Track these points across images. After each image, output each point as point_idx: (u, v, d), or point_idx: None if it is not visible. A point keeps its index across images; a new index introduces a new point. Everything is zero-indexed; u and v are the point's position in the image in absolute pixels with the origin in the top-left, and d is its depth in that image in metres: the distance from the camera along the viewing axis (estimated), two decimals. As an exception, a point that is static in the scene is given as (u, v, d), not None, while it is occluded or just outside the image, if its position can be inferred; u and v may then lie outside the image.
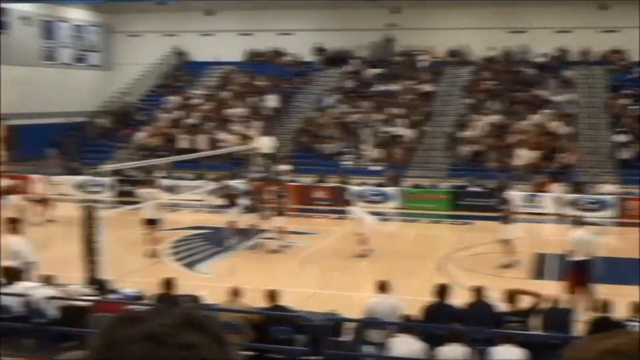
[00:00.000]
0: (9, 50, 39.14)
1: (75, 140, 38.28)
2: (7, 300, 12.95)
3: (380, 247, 20.75)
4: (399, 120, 35.10)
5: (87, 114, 41.46)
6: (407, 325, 11.33)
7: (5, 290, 13.09)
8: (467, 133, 33.71)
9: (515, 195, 24.42)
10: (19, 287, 13.11)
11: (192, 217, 25.15)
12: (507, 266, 18.88)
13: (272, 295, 12.49)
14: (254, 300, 13.82)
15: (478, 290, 12.49)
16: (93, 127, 40.84)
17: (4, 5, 38.38)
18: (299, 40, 43.76)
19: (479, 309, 12.14)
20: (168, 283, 12.91)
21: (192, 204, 27.86)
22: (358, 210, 20.85)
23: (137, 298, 13.42)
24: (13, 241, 15.21)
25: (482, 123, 34.14)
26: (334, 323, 11.60)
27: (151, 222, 19.73)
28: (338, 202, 27.87)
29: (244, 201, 21.80)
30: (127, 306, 12.70)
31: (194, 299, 13.54)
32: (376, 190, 28.66)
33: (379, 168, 32.18)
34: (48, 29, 42.40)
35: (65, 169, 32.74)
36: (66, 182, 30.39)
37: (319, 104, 38.21)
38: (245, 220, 21.26)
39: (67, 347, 12.42)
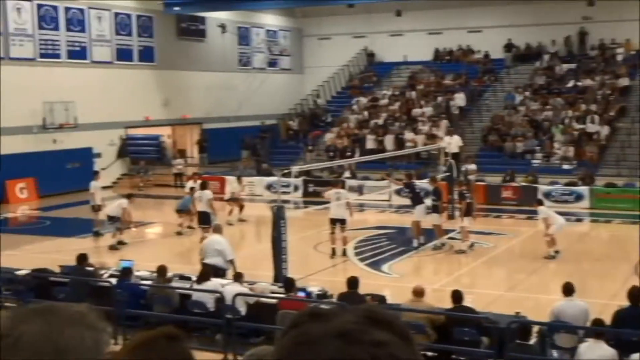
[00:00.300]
0: (207, 57, 41.09)
1: (266, 142, 39.61)
2: (200, 297, 13.61)
3: (571, 248, 20.08)
4: (593, 117, 33.76)
5: (278, 116, 42.79)
6: (597, 330, 10.87)
7: (198, 286, 13.76)
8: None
9: None
10: (211, 283, 13.73)
11: (377, 217, 25.34)
12: None
13: (457, 295, 12.35)
14: (438, 300, 13.77)
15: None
16: (283, 129, 42.11)
17: (202, 14, 40.30)
18: (488, 38, 43.12)
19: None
20: (352, 282, 13.08)
21: (377, 204, 28.07)
22: (547, 210, 20.15)
23: (322, 296, 13.69)
24: (216, 239, 15.91)
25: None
26: (520, 326, 11.32)
27: (338, 222, 20.03)
28: (527, 201, 27.19)
29: (429, 201, 21.68)
30: (312, 304, 13.00)
31: (378, 298, 13.66)
32: (567, 189, 27.71)
33: (570, 167, 31.11)
34: (243, 36, 44.09)
35: (256, 170, 33.92)
36: (257, 183, 31.47)
37: (509, 101, 37.43)
38: (430, 220, 21.14)
39: (255, 342, 12.89)
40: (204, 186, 21.41)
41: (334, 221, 19.98)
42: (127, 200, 21.92)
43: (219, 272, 15.16)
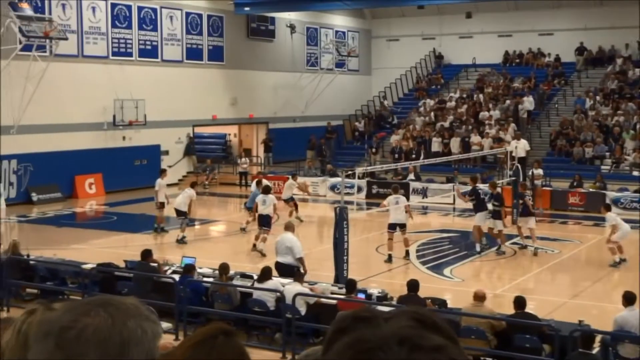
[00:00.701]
0: (275, 57, 41.36)
1: (331, 143, 39.68)
2: (260, 295, 13.71)
3: (637, 256, 19.62)
4: (665, 123, 32.97)
5: (344, 117, 42.83)
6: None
7: (259, 285, 13.86)
8: None
9: None
10: (272, 283, 13.82)
11: (441, 220, 25.18)
12: None
13: (520, 301, 12.20)
14: (499, 306, 13.63)
15: None
16: (348, 130, 42.14)
17: (272, 14, 40.59)
18: (560, 41, 42.50)
19: None
20: (412, 285, 13.04)
21: (441, 207, 27.90)
22: (615, 216, 19.60)
23: (382, 299, 13.67)
24: (287, 237, 16.03)
25: None
26: (583, 334, 11.13)
27: (398, 227, 19.90)
28: (594, 208, 26.70)
29: (490, 206, 21.43)
30: (372, 306, 12.99)
31: (438, 302, 13.59)
32: (636, 196, 27.10)
33: (640, 173, 30.46)
34: (312, 36, 44.26)
35: (320, 171, 34.02)
36: (321, 184, 31.55)
37: (579, 106, 36.79)
38: (490, 225, 20.89)
39: (314, 342, 12.93)
40: (266, 190, 21.22)
41: (393, 226, 19.84)
42: (192, 189, 22.12)
43: (290, 270, 15.18)
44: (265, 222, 20.56)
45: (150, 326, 1.65)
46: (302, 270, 15.14)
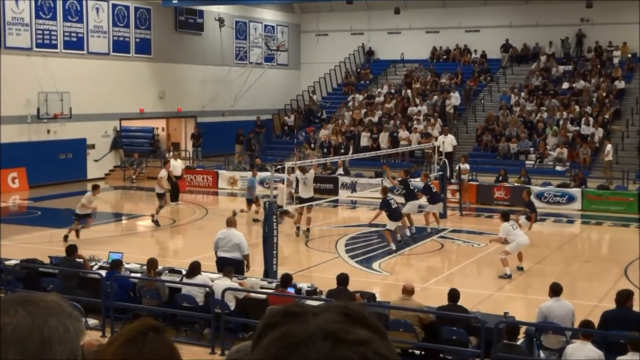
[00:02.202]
0: (204, 51, 41.04)
1: (261, 137, 39.60)
2: (189, 291, 13.60)
3: (561, 249, 20.12)
4: (587, 119, 33.81)
5: (274, 112, 42.76)
6: (585, 332, 10.91)
7: (187, 280, 13.75)
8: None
9: None
10: (201, 277, 13.72)
11: (369, 214, 25.27)
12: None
13: (453, 294, 12.34)
14: (427, 299, 13.80)
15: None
16: (278, 125, 42.11)
17: (200, 7, 40.24)
18: (486, 37, 43.20)
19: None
20: (342, 279, 13.10)
21: (370, 201, 28.08)
22: (508, 229, 17.97)
23: (312, 293, 13.70)
24: (235, 234, 15.64)
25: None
26: (508, 326, 11.34)
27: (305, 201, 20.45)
28: (519, 202, 27.27)
29: (420, 199, 21.72)
30: (301, 300, 13.02)
31: (367, 295, 13.69)
32: (559, 191, 27.75)
33: (563, 168, 31.18)
34: (241, 30, 44.02)
35: (249, 165, 33.90)
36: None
37: (504, 102, 37.45)
38: (420, 218, 21.17)
39: (243, 337, 12.90)
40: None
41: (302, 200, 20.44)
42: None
43: (238, 265, 15.01)
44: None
45: (73, 324, 1.61)
46: (246, 267, 15.18)
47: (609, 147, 31.06)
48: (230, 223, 15.99)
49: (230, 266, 14.12)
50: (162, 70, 38.19)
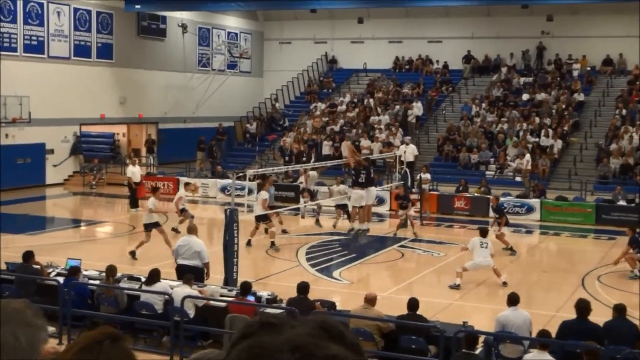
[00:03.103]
0: (166, 57, 40.83)
1: (222, 145, 39.47)
2: (148, 298, 13.49)
3: (520, 259, 20.30)
4: (547, 131, 34.20)
5: (236, 119, 42.65)
6: (542, 341, 11.01)
7: (147, 287, 13.63)
8: (618, 145, 32.47)
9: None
10: (160, 285, 13.61)
11: (331, 223, 25.32)
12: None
13: (412, 303, 12.38)
14: (387, 308, 13.82)
15: (620, 309, 11.99)
16: (240, 132, 41.99)
17: (163, 13, 40.03)
18: (448, 48, 43.56)
19: (620, 328, 11.65)
20: (302, 288, 13.07)
21: (331, 209, 28.08)
22: (476, 244, 17.99)
23: (272, 301, 13.65)
24: (196, 242, 15.58)
25: (634, 135, 32.83)
26: (467, 335, 11.40)
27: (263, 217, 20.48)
28: (479, 212, 27.55)
29: (382, 208, 21.81)
30: (261, 309, 12.97)
31: (327, 304, 13.68)
32: (518, 201, 28.02)
33: (522, 179, 31.51)
34: (204, 37, 43.88)
35: (211, 172, 33.78)
36: (212, 185, 31.32)
37: (465, 112, 37.75)
38: (383, 227, 21.25)
39: (203, 345, 12.82)
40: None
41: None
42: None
43: (199, 272, 14.93)
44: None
45: (28, 333, 1.57)
46: (206, 275, 15.16)
47: (527, 156, 31.75)
48: (191, 230, 15.94)
49: (190, 274, 14.04)
50: (123, 75, 37.91)
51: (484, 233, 18.48)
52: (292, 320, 1.42)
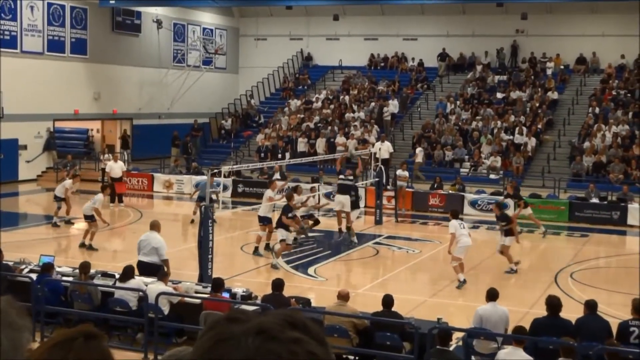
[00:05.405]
0: (141, 53, 40.60)
1: (197, 141, 39.35)
2: (122, 295, 13.42)
3: (493, 257, 20.40)
4: (521, 128, 34.42)
5: (211, 115, 42.53)
6: (516, 338, 11.07)
7: (121, 284, 13.56)
8: (591, 143, 32.76)
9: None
10: (135, 282, 13.55)
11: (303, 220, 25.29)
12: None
13: (387, 300, 12.40)
14: (362, 304, 13.86)
15: (591, 305, 12.10)
16: (215, 129, 41.89)
17: (138, 8, 39.80)
18: (423, 46, 43.65)
19: (591, 324, 11.75)
20: (277, 284, 13.06)
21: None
22: (456, 226, 17.65)
23: (247, 297, 13.63)
24: (155, 238, 15.48)
25: (607, 133, 33.13)
26: (441, 332, 11.44)
27: (264, 221, 20.11)
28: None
29: (359, 206, 21.83)
30: (236, 305, 12.95)
31: (302, 300, 13.68)
32: (492, 199, 28.12)
33: (496, 176, 31.69)
34: (179, 32, 43.68)
35: (186, 169, 33.67)
36: (186, 182, 31.21)
37: (440, 110, 37.88)
38: (360, 225, 21.29)
39: (177, 342, 12.77)
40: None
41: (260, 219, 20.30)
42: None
43: (155, 269, 14.82)
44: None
45: (9, 334, 1.55)
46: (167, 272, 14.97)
47: (418, 149, 33.00)
48: (154, 226, 15.79)
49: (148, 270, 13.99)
50: (98, 71, 37.66)
51: (455, 214, 18.28)
52: (260, 314, 1.45)
